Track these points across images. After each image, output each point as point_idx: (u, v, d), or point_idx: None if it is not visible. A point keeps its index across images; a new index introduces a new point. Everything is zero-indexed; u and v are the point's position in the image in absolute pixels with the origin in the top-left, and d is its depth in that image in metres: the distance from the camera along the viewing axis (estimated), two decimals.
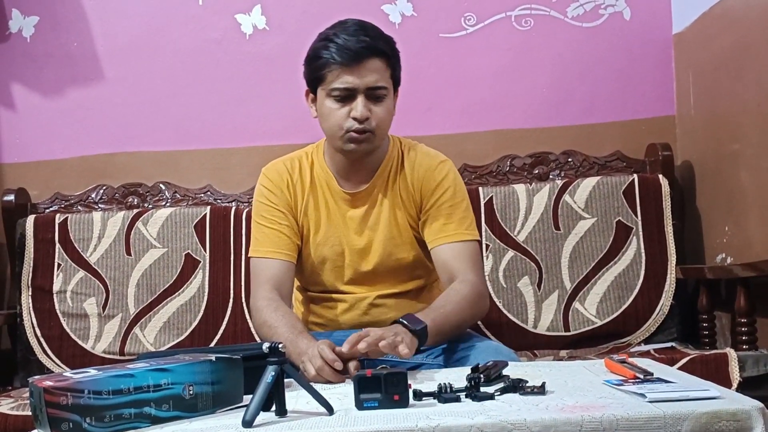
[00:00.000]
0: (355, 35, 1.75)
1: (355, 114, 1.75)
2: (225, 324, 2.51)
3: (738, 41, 2.34)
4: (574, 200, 2.52)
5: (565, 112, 2.77)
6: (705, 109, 2.59)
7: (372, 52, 1.75)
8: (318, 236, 1.89)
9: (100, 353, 2.50)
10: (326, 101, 1.79)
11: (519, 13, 2.77)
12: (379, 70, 1.76)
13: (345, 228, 1.89)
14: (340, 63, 1.74)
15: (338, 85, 1.75)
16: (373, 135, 1.79)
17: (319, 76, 1.79)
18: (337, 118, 1.78)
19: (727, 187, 2.44)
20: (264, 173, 1.95)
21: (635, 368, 1.35)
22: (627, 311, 2.45)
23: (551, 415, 1.11)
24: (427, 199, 1.87)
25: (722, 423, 1.10)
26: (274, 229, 1.87)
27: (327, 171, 1.90)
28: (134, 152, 2.80)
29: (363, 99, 1.75)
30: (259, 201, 1.92)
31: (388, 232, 1.88)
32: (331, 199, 1.89)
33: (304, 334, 1.67)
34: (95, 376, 1.14)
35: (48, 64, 2.81)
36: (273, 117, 2.79)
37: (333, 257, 1.89)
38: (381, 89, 1.77)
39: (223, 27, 2.80)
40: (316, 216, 1.89)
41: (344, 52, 1.73)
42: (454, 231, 1.84)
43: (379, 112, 1.78)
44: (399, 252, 1.89)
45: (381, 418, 1.15)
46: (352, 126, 1.76)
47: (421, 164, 1.89)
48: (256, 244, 1.89)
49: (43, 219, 2.61)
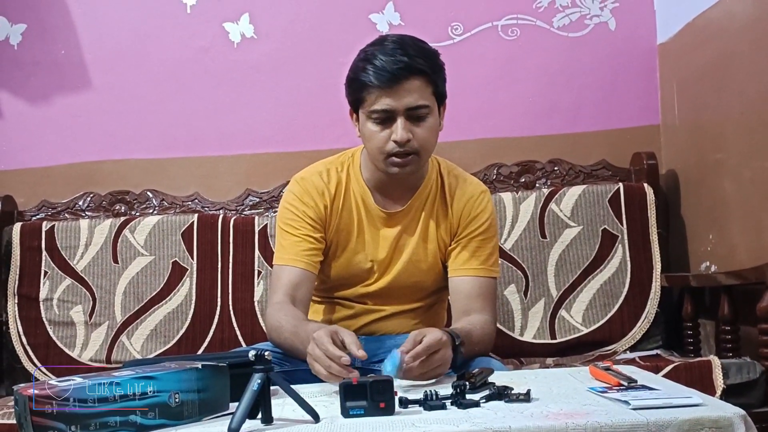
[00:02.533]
0: (392, 55, 1.69)
1: (395, 137, 1.71)
2: (212, 332, 2.50)
3: (721, 52, 2.37)
4: (560, 208, 2.54)
5: (551, 121, 2.79)
6: (689, 118, 2.62)
7: (410, 72, 1.69)
8: (346, 252, 1.86)
9: (86, 361, 2.49)
10: (367, 123, 1.75)
11: (505, 23, 2.79)
12: (419, 89, 1.71)
13: (375, 247, 1.86)
14: (378, 86, 1.69)
15: (377, 107, 1.71)
16: (417, 156, 1.75)
17: (358, 98, 1.75)
18: (378, 142, 1.74)
19: (711, 196, 2.46)
20: (297, 181, 1.88)
21: (620, 375, 1.36)
22: (612, 319, 2.46)
23: (536, 422, 1.11)
24: (464, 228, 1.85)
25: (705, 430, 1.11)
26: (298, 237, 1.82)
27: (363, 187, 1.86)
28: (121, 160, 2.80)
29: (403, 121, 1.71)
30: (288, 209, 1.86)
31: (414, 255, 1.86)
32: (365, 216, 1.86)
33: (306, 322, 1.66)
34: (80, 384, 1.14)
35: (35, 72, 2.80)
36: (261, 125, 2.79)
37: (358, 274, 1.87)
38: (422, 108, 1.72)
39: (211, 35, 2.80)
40: (348, 231, 1.86)
41: (381, 73, 1.68)
42: (480, 265, 1.83)
43: (420, 133, 1.73)
44: (419, 275, 1.87)
45: (367, 425, 1.15)
46: (393, 149, 1.72)
47: (464, 191, 1.87)
48: (280, 251, 1.84)
49: (30, 227, 2.60)
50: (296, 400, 1.22)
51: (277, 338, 1.72)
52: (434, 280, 1.90)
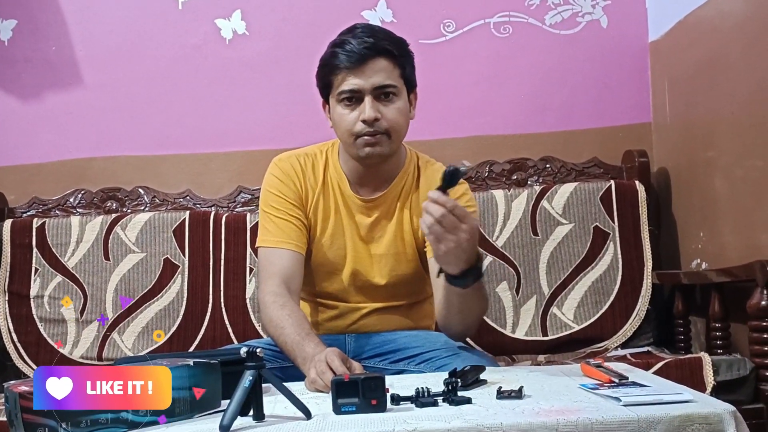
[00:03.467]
0: (360, 37, 1.72)
1: (363, 116, 1.71)
2: (204, 329, 2.50)
3: (712, 50, 2.38)
4: (552, 206, 2.54)
5: (543, 119, 2.79)
6: (680, 116, 2.62)
7: (377, 52, 1.71)
8: (324, 238, 1.85)
9: (77, 359, 2.48)
10: (337, 108, 1.76)
11: (498, 21, 2.80)
12: (386, 69, 1.73)
13: (351, 234, 1.85)
14: (346, 67, 1.71)
15: (344, 87, 1.72)
16: (387, 137, 1.74)
17: (327, 83, 1.76)
18: (347, 124, 1.74)
19: (702, 194, 2.47)
20: (276, 163, 1.89)
21: (611, 372, 1.37)
22: (604, 316, 2.47)
23: (527, 418, 1.12)
24: None
25: (695, 426, 1.12)
26: (284, 219, 1.81)
27: (341, 173, 1.86)
28: (113, 157, 2.79)
29: (371, 100, 1.72)
30: (269, 191, 1.85)
31: (393, 245, 1.84)
32: (341, 203, 1.85)
33: (311, 336, 1.62)
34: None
35: (26, 68, 2.79)
36: (253, 122, 2.78)
37: (334, 261, 1.85)
38: (388, 87, 1.73)
39: (203, 32, 2.80)
40: (324, 217, 1.85)
41: (349, 54, 1.71)
42: None
43: (388, 113, 1.73)
44: (400, 267, 1.86)
45: (358, 422, 1.16)
46: (363, 130, 1.73)
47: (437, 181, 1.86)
48: (265, 234, 1.82)
49: (21, 223, 2.59)
50: (288, 397, 1.22)
51: (276, 337, 1.69)
52: (415, 272, 1.87)
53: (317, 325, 1.90)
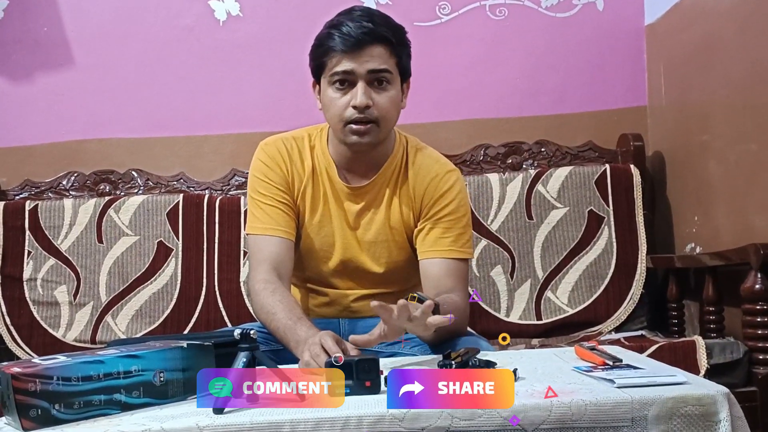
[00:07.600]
0: (358, 21, 1.68)
1: (354, 102, 1.68)
2: (198, 312, 2.50)
3: (708, 34, 2.37)
4: (547, 190, 2.54)
5: (538, 102, 2.78)
6: (676, 100, 2.62)
7: (374, 38, 1.68)
8: (312, 224, 1.82)
9: (71, 342, 2.48)
10: (328, 90, 1.72)
11: (493, 3, 2.78)
12: (382, 56, 1.69)
13: (339, 221, 1.82)
14: (341, 50, 1.68)
15: (338, 69, 1.69)
16: (376, 126, 1.71)
17: (320, 64, 1.73)
18: (337, 108, 1.71)
19: (697, 178, 2.47)
20: (262, 148, 1.85)
21: (605, 355, 1.37)
22: (598, 300, 2.48)
23: (521, 400, 1.12)
24: (428, 209, 1.79)
25: (688, 407, 1.12)
26: (272, 205, 1.79)
27: (329, 159, 1.82)
28: (106, 139, 2.78)
29: (364, 86, 1.68)
30: (256, 176, 1.82)
31: (382, 232, 1.82)
32: (329, 189, 1.82)
33: (303, 320, 1.60)
34: (64, 362, 1.13)
35: (17, 50, 2.76)
36: (246, 104, 2.77)
37: (323, 248, 1.83)
38: (383, 72, 1.69)
39: (196, 13, 2.77)
40: (313, 203, 1.82)
41: (346, 38, 1.67)
42: (449, 247, 1.76)
43: (381, 101, 1.70)
44: (390, 254, 1.83)
45: (352, 404, 1.15)
46: (353, 116, 1.69)
47: (429, 171, 1.81)
48: (254, 221, 1.80)
49: (13, 206, 2.58)
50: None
51: (268, 323, 1.68)
52: (405, 259, 1.85)
53: (308, 310, 1.89)
